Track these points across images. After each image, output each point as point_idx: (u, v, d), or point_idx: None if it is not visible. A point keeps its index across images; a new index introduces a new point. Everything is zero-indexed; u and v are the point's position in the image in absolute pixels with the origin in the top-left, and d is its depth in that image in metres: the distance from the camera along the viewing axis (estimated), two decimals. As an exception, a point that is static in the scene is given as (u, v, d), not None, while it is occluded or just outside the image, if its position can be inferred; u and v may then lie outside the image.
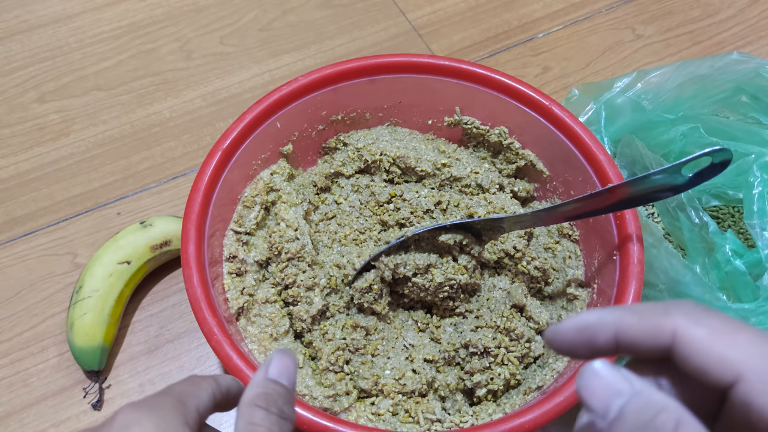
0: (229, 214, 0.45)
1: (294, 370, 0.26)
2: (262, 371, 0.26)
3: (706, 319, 0.19)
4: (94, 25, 0.68)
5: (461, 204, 0.46)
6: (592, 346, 0.21)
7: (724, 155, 0.34)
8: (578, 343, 0.21)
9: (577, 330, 0.21)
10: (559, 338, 0.21)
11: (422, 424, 0.40)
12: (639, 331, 0.20)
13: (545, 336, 0.22)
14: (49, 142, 0.60)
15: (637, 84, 0.52)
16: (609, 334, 0.20)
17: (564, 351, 0.22)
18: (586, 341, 0.21)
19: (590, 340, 0.21)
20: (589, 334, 0.21)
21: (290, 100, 0.46)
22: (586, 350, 0.21)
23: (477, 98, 0.49)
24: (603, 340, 0.20)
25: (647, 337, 0.20)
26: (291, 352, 0.27)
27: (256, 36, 0.68)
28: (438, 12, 0.71)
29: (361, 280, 0.43)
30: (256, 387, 0.25)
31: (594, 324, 0.21)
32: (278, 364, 0.26)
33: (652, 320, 0.20)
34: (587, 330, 0.21)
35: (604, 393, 0.19)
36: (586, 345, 0.21)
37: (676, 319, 0.19)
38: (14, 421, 0.46)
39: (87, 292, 0.47)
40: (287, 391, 0.25)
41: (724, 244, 0.44)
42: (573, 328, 0.21)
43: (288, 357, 0.26)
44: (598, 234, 0.44)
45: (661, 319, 0.20)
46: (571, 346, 0.21)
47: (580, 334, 0.21)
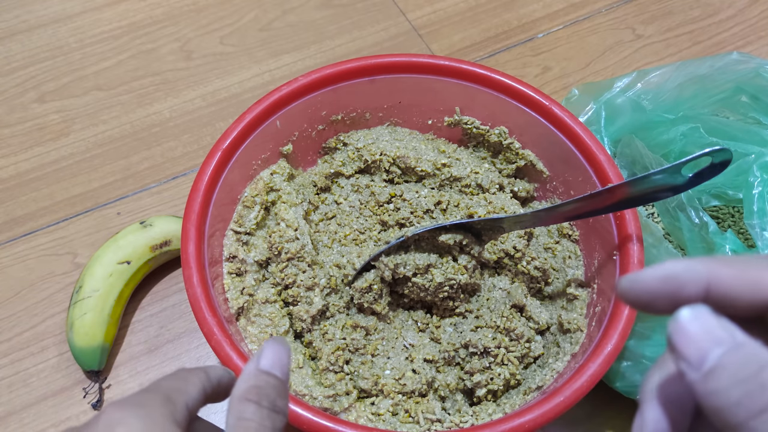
0: (229, 214, 0.45)
1: (287, 360, 0.25)
2: (254, 362, 0.24)
3: None
4: (94, 25, 0.68)
5: (461, 204, 0.46)
6: (676, 299, 0.18)
7: (724, 155, 0.34)
8: (661, 294, 0.19)
9: (661, 279, 0.19)
10: (638, 287, 0.19)
11: (422, 424, 0.40)
12: (737, 284, 0.18)
13: (619, 285, 0.20)
14: (49, 142, 0.60)
15: (637, 84, 0.52)
16: (700, 285, 0.18)
17: (641, 303, 0.19)
18: (670, 293, 0.19)
19: (676, 291, 0.18)
20: (675, 285, 0.18)
21: (290, 100, 0.46)
22: (669, 303, 0.19)
23: (477, 98, 0.49)
24: (692, 291, 0.18)
25: (747, 292, 0.18)
26: (284, 340, 0.26)
27: (256, 36, 0.68)
28: (438, 12, 0.71)
29: (361, 280, 0.43)
30: (247, 379, 0.24)
31: (682, 273, 0.18)
32: (270, 355, 0.25)
33: (753, 272, 0.18)
34: (673, 280, 0.19)
35: (701, 340, 0.17)
36: (669, 297, 0.19)
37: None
38: (14, 421, 0.46)
39: (87, 292, 0.47)
40: (280, 382, 0.24)
41: (724, 244, 0.44)
42: (657, 276, 0.19)
43: (281, 346, 0.25)
44: (598, 234, 0.44)
45: (762, 273, 0.18)
46: (652, 298, 0.19)
47: (664, 284, 0.19)
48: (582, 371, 0.36)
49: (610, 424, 0.46)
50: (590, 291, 0.44)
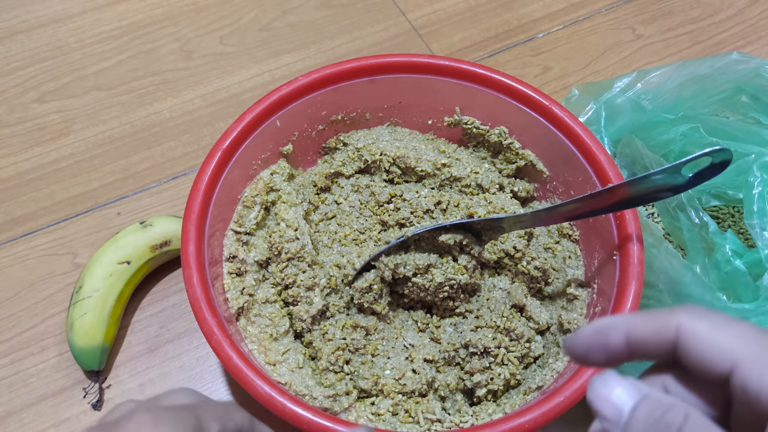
0: (229, 214, 0.45)
1: None
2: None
3: (706, 315, 0.20)
4: (94, 25, 0.68)
5: (461, 204, 0.46)
6: (606, 348, 0.22)
7: (724, 155, 0.34)
8: (593, 346, 0.22)
9: (592, 333, 0.22)
10: (575, 343, 0.23)
11: (422, 424, 0.40)
12: (647, 329, 0.21)
13: (564, 344, 0.23)
14: (49, 142, 0.60)
15: (637, 84, 0.52)
16: (621, 334, 0.21)
17: (581, 355, 0.23)
18: (600, 343, 0.22)
19: (604, 341, 0.22)
20: (602, 336, 0.22)
21: (290, 100, 0.46)
22: (602, 353, 0.22)
23: (477, 98, 0.49)
24: (615, 340, 0.22)
25: (654, 334, 0.21)
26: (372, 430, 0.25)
27: (256, 36, 0.68)
28: (438, 12, 0.71)
29: (361, 280, 0.43)
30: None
31: (607, 326, 0.22)
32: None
33: (658, 319, 0.21)
34: (601, 332, 0.22)
35: (615, 400, 0.20)
36: (600, 347, 0.22)
37: (680, 316, 0.21)
38: (14, 421, 0.46)
39: (87, 292, 0.47)
40: None
41: (724, 244, 0.44)
42: (589, 331, 0.22)
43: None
44: (598, 234, 0.44)
45: (666, 317, 0.21)
46: (588, 349, 0.22)
47: (594, 337, 0.22)
48: (582, 371, 0.36)
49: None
50: (590, 291, 0.44)
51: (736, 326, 0.20)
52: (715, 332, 0.20)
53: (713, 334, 0.20)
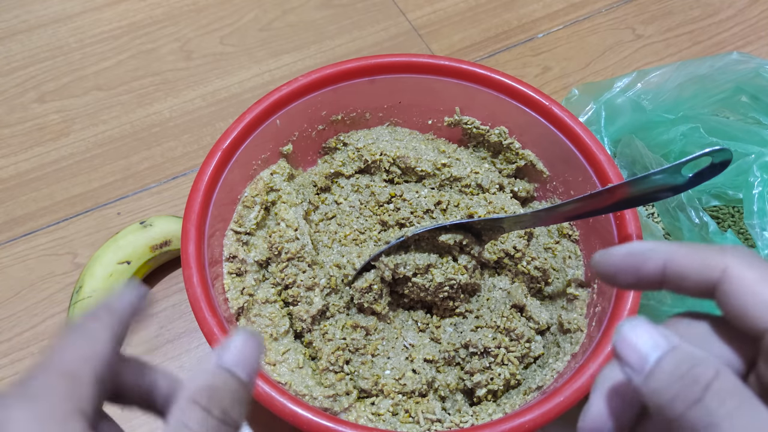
0: (229, 214, 0.45)
1: (257, 359, 0.21)
2: (216, 354, 0.20)
3: (757, 265, 0.19)
4: (94, 25, 0.68)
5: (461, 204, 0.46)
6: (638, 272, 0.21)
7: (724, 155, 0.34)
8: (625, 267, 0.21)
9: (626, 254, 0.21)
10: (606, 260, 0.22)
11: (422, 424, 0.40)
12: (690, 263, 0.20)
13: (593, 259, 0.22)
14: (49, 142, 0.60)
15: (637, 84, 0.52)
16: (658, 262, 0.20)
17: (609, 274, 0.22)
18: (633, 266, 0.21)
19: (638, 265, 0.21)
20: (638, 260, 0.21)
21: (290, 100, 0.46)
22: (632, 276, 0.21)
23: (477, 98, 0.49)
24: (651, 267, 0.21)
25: (697, 270, 0.20)
26: (256, 333, 0.21)
27: (256, 36, 0.68)
28: (438, 12, 0.71)
29: (361, 280, 0.43)
30: (202, 377, 0.20)
31: (645, 251, 0.21)
32: (237, 350, 0.20)
33: (704, 255, 0.20)
34: (637, 256, 0.21)
35: (641, 347, 0.19)
36: (632, 270, 0.21)
37: (729, 258, 0.19)
38: (14, 421, 0.46)
39: (87, 292, 0.47)
40: (241, 386, 0.20)
41: (724, 244, 0.44)
42: (623, 252, 0.21)
43: (252, 341, 0.21)
44: (598, 234, 0.44)
45: (714, 256, 0.20)
46: (618, 270, 0.21)
47: (628, 259, 0.21)
48: (582, 371, 0.36)
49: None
50: (590, 291, 0.44)
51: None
52: (762, 284, 0.19)
53: (761, 286, 0.19)
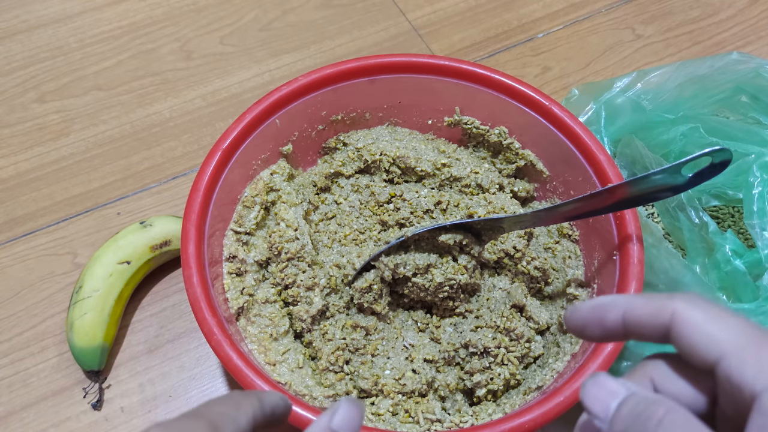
0: (229, 214, 0.45)
1: (359, 425, 0.24)
2: (327, 418, 0.24)
3: (703, 305, 0.21)
4: (94, 25, 0.68)
5: (461, 204, 0.46)
6: (602, 324, 0.23)
7: (724, 155, 0.34)
8: (591, 321, 0.23)
9: (591, 308, 0.23)
10: (575, 316, 0.23)
11: (422, 424, 0.40)
12: (644, 311, 0.22)
13: (564, 315, 0.24)
14: (49, 142, 0.60)
15: (637, 84, 0.52)
16: (618, 313, 0.22)
17: (578, 329, 0.24)
18: (597, 319, 0.23)
19: (601, 318, 0.23)
20: (600, 313, 0.23)
21: (290, 100, 0.47)
22: (598, 329, 0.23)
23: (477, 98, 0.49)
24: (612, 318, 0.22)
25: (650, 317, 0.22)
26: (360, 403, 0.25)
27: (256, 36, 0.68)
28: (438, 12, 0.71)
29: (361, 280, 0.43)
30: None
31: (606, 304, 0.23)
32: (344, 415, 0.24)
33: (656, 302, 0.22)
34: (599, 308, 0.23)
35: (603, 397, 0.21)
36: (597, 323, 0.23)
37: (677, 302, 0.21)
38: (14, 421, 0.46)
39: (87, 292, 0.47)
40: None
41: (724, 244, 0.44)
42: (588, 306, 0.23)
43: (357, 409, 0.24)
44: (598, 234, 0.44)
45: (664, 302, 0.22)
46: (585, 324, 0.23)
47: (593, 312, 0.23)
48: (582, 371, 0.36)
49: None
50: (590, 291, 0.44)
51: (729, 318, 0.20)
52: (707, 322, 0.21)
53: (705, 323, 0.20)
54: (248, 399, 0.24)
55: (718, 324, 0.20)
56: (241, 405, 0.24)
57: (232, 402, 0.24)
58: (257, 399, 0.25)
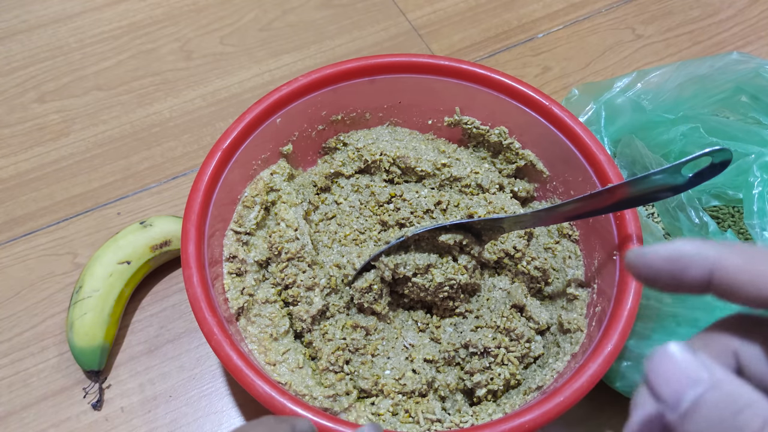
0: (229, 214, 0.45)
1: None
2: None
3: None
4: (94, 25, 0.68)
5: (461, 204, 0.46)
6: (679, 279, 0.18)
7: (724, 155, 0.34)
8: (665, 273, 0.19)
9: (667, 258, 0.19)
10: (644, 262, 0.19)
11: (422, 424, 0.40)
12: (741, 275, 0.17)
13: (627, 258, 0.20)
14: (49, 142, 0.60)
15: (637, 84, 0.52)
16: (704, 270, 0.18)
17: (645, 278, 0.19)
18: (675, 272, 0.18)
19: (680, 272, 0.18)
20: (680, 266, 0.18)
21: (290, 100, 0.47)
22: (672, 282, 0.19)
23: (477, 98, 0.49)
24: (695, 275, 0.18)
25: (749, 283, 0.17)
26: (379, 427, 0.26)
27: (256, 36, 0.68)
28: (438, 12, 0.71)
29: (361, 280, 0.43)
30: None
31: (689, 255, 0.18)
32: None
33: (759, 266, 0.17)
34: (680, 261, 0.18)
35: (678, 380, 0.16)
36: (673, 276, 0.19)
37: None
38: (14, 421, 0.46)
39: (87, 292, 0.47)
40: None
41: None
42: (664, 255, 0.19)
43: None
44: (598, 234, 0.44)
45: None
46: (656, 274, 0.19)
47: (669, 264, 0.19)
48: (582, 371, 0.36)
49: (610, 424, 0.46)
50: (590, 291, 0.44)
51: None
52: None
53: None
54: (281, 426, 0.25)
55: None
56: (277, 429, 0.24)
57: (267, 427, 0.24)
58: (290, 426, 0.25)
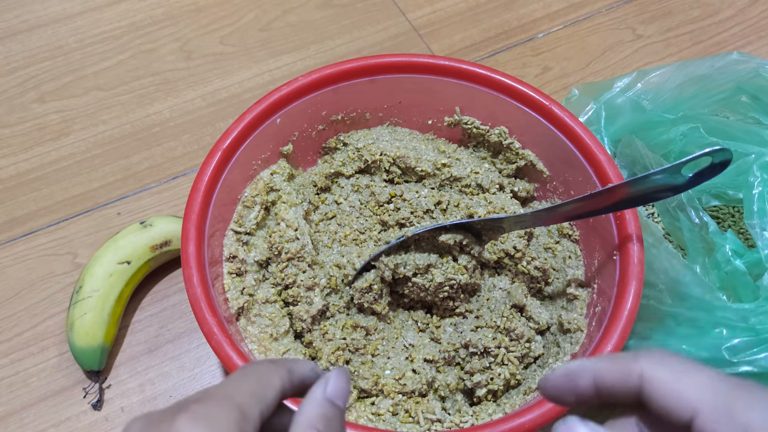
0: (229, 214, 0.45)
1: (348, 392, 0.25)
2: (321, 388, 0.24)
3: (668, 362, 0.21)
4: (94, 25, 0.68)
5: (461, 204, 0.46)
6: (575, 392, 0.23)
7: (724, 155, 0.34)
8: (564, 389, 0.23)
9: (562, 376, 0.23)
10: (548, 385, 0.24)
11: (422, 424, 0.40)
12: (612, 375, 0.22)
13: (539, 384, 0.24)
14: (49, 142, 0.60)
15: (637, 84, 0.52)
16: (588, 379, 0.23)
17: (553, 397, 0.24)
18: (570, 387, 0.23)
19: (573, 386, 0.23)
20: (572, 381, 0.23)
21: (290, 100, 0.46)
22: (571, 395, 0.23)
23: (477, 98, 0.49)
24: (584, 384, 0.23)
25: (619, 380, 0.22)
26: (347, 370, 0.26)
27: (256, 36, 0.68)
28: (438, 12, 0.71)
29: (361, 280, 0.43)
30: (316, 406, 0.23)
31: (576, 370, 0.23)
32: (336, 384, 0.25)
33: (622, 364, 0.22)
34: (571, 376, 0.23)
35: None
36: (570, 391, 0.23)
37: (642, 362, 0.21)
38: (14, 421, 0.46)
39: (87, 292, 0.47)
40: (341, 413, 0.24)
41: (724, 244, 0.44)
42: (560, 374, 0.23)
43: (345, 377, 0.25)
44: (598, 234, 0.44)
45: (629, 363, 0.22)
46: (559, 392, 0.23)
47: (564, 381, 0.23)
48: (582, 371, 0.36)
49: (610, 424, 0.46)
50: (590, 291, 0.44)
51: (697, 374, 0.20)
52: (676, 381, 0.21)
53: (674, 382, 0.21)
54: (277, 372, 0.24)
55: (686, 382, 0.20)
56: (270, 379, 0.24)
57: (259, 376, 0.23)
58: (287, 371, 0.25)
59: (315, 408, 0.23)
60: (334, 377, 0.25)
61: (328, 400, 0.24)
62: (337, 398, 0.24)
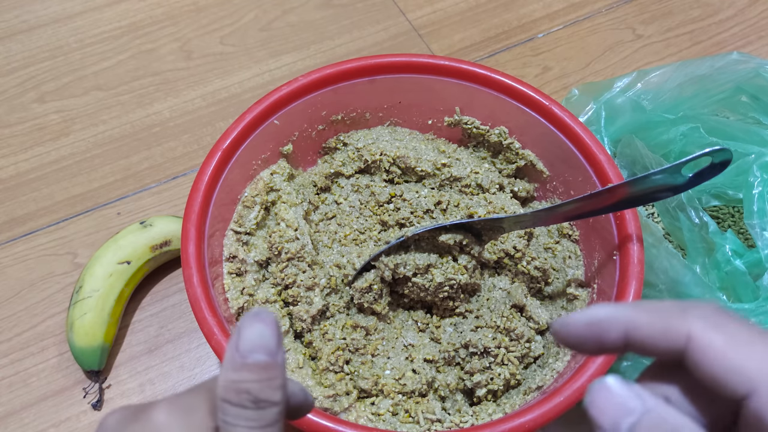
0: (229, 214, 0.45)
1: (272, 335, 0.20)
2: (231, 347, 0.20)
3: (724, 325, 0.18)
4: (94, 25, 0.68)
5: (461, 204, 0.46)
6: (600, 342, 0.20)
7: (724, 155, 0.34)
8: (587, 338, 0.20)
9: (586, 324, 0.20)
10: (566, 331, 0.21)
11: (422, 424, 0.40)
12: (651, 331, 0.19)
13: (552, 328, 0.22)
14: (49, 142, 0.60)
15: (637, 84, 0.52)
16: (619, 331, 0.20)
17: (571, 345, 0.21)
18: (595, 336, 0.20)
19: (599, 335, 0.20)
20: (598, 330, 0.20)
21: (290, 100, 0.47)
22: (595, 346, 0.20)
23: (477, 98, 0.49)
24: (613, 336, 0.20)
25: (660, 338, 0.19)
26: (264, 310, 0.21)
27: (256, 36, 0.68)
28: (438, 12, 0.71)
29: (361, 280, 0.43)
30: (224, 373, 0.20)
31: (604, 319, 0.20)
32: (250, 335, 0.20)
33: (666, 321, 0.19)
34: (597, 325, 0.20)
35: (613, 410, 0.18)
36: (594, 340, 0.20)
37: (693, 322, 0.18)
38: (14, 421, 0.46)
39: (87, 292, 0.47)
40: (266, 367, 0.20)
41: (724, 244, 0.44)
42: (582, 322, 0.20)
43: (262, 321, 0.20)
44: (598, 234, 0.44)
45: (676, 321, 0.19)
46: (579, 341, 0.20)
47: (589, 329, 0.20)
48: (582, 371, 0.36)
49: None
50: (590, 291, 0.44)
51: (758, 343, 0.18)
52: (733, 350, 0.18)
53: (731, 351, 0.18)
54: None
55: (745, 353, 0.17)
56: None
57: None
58: None
59: (224, 376, 0.20)
60: (245, 328, 0.20)
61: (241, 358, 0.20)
62: (255, 351, 0.20)
